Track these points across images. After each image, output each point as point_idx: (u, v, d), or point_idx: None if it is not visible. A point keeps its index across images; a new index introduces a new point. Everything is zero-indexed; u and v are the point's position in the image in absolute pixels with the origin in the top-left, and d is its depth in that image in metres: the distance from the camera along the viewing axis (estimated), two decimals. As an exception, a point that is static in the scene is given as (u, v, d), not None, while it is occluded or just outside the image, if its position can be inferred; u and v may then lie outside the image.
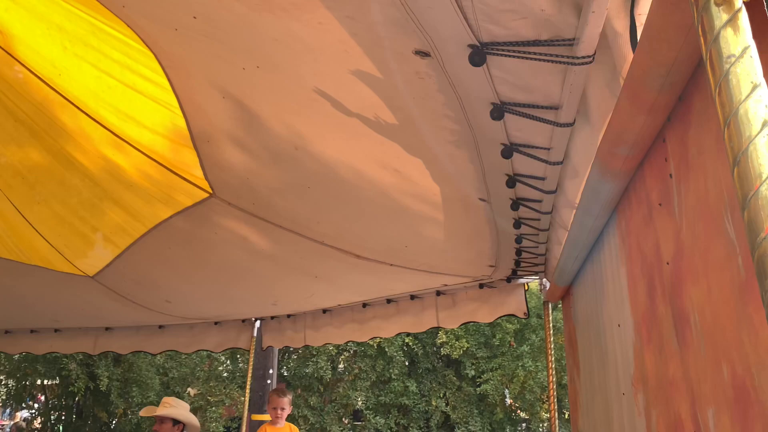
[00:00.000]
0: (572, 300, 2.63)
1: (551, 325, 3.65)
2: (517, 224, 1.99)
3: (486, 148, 1.33)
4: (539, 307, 13.08)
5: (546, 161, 1.26)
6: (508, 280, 3.37)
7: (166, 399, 4.01)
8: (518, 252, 2.49)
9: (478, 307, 3.69)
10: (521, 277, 3.34)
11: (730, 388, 0.65)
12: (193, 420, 3.99)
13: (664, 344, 0.96)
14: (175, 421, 3.85)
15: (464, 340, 11.62)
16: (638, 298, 1.14)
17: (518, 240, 2.24)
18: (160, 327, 5.60)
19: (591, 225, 1.36)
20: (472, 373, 11.76)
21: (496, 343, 12.08)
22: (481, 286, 3.57)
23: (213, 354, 9.95)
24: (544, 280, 3.29)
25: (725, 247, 0.62)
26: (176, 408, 3.87)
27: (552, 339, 3.59)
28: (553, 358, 3.54)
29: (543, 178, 1.49)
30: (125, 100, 2.63)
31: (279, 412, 4.23)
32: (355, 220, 2.72)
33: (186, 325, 5.56)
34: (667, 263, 0.86)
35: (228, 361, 10.23)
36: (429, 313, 3.99)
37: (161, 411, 3.81)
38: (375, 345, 10.94)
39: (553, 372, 3.52)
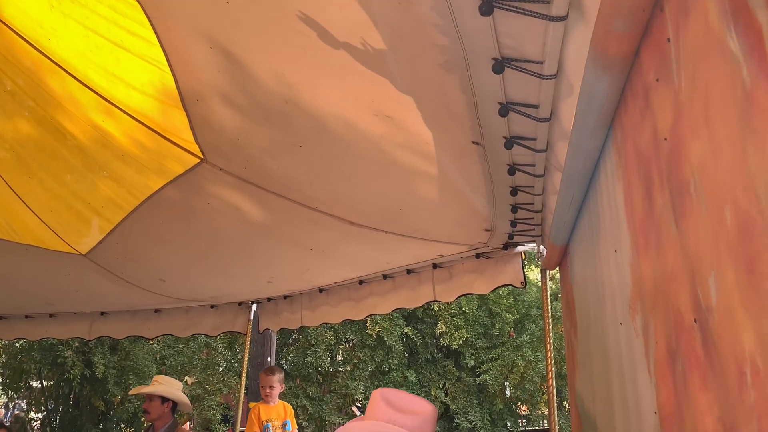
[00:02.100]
0: (569, 260, 2.59)
1: (549, 306, 3.62)
2: (512, 170, 1.95)
3: (477, 65, 1.29)
4: (539, 300, 13.04)
5: (539, 75, 1.22)
6: (505, 247, 3.33)
7: (156, 377, 3.98)
8: (514, 209, 2.44)
9: (475, 279, 3.65)
10: (518, 244, 3.30)
11: (733, 232, 0.61)
12: (182, 398, 3.96)
13: (663, 239, 0.92)
14: (164, 399, 3.80)
15: (464, 330, 11.59)
16: (635, 207, 1.09)
17: (513, 192, 2.20)
18: (156, 311, 5.57)
19: (587, 147, 1.32)
20: (472, 363, 11.73)
21: (496, 333, 12.05)
22: (477, 256, 3.53)
23: (211, 343, 9.91)
24: (542, 247, 3.25)
25: (729, 72, 0.58)
26: (164, 386, 3.84)
27: (550, 324, 3.55)
28: (551, 335, 3.51)
29: (537, 106, 1.45)
30: (113, 59, 2.58)
31: (268, 390, 4.21)
32: (348, 180, 2.68)
33: (182, 308, 5.53)
34: (665, 139, 0.82)
35: (226, 351, 10.21)
36: (425, 287, 3.95)
37: (149, 389, 3.77)
38: (374, 335, 10.91)
39: (551, 342, 3.49)
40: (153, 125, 2.83)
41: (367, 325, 10.89)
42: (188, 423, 9.49)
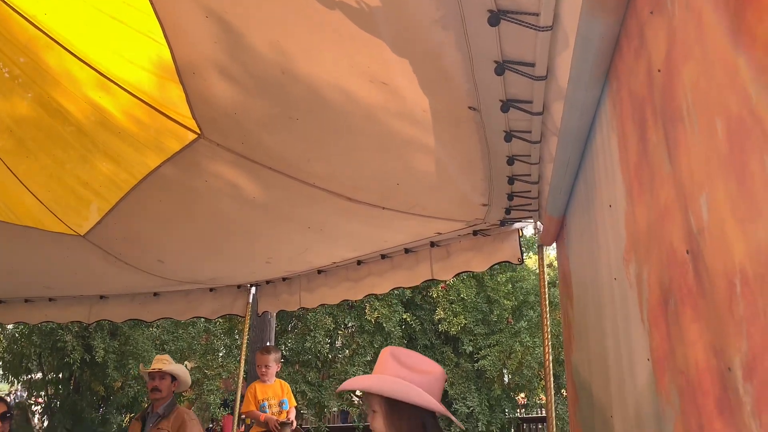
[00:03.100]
0: (566, 233, 2.60)
1: (546, 284, 3.64)
2: (508, 137, 1.95)
3: (472, 19, 1.29)
4: (537, 287, 13.08)
5: (535, 27, 1.22)
6: (502, 223, 3.34)
7: (160, 357, 4.02)
8: (510, 180, 2.45)
9: (472, 257, 3.66)
10: (515, 220, 3.31)
11: (724, 143, 0.61)
12: (188, 378, 4.05)
13: (656, 178, 0.93)
14: (173, 378, 3.91)
15: (462, 316, 11.63)
16: (629, 154, 1.10)
17: (510, 162, 2.20)
18: (155, 294, 5.58)
19: (582, 101, 1.32)
20: (470, 349, 11.78)
21: (494, 320, 12.10)
22: (475, 233, 3.54)
23: (210, 328, 9.96)
24: (539, 223, 3.26)
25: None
26: (174, 365, 3.94)
27: (547, 300, 3.57)
28: (548, 316, 3.52)
29: (533, 64, 1.45)
30: (110, 34, 2.58)
31: (263, 369, 4.25)
32: (345, 154, 2.69)
33: (181, 291, 5.54)
34: (659, 71, 0.82)
35: (225, 337, 10.27)
36: (423, 266, 3.96)
37: (167, 367, 3.85)
38: (373, 321, 10.95)
39: (548, 314, 3.50)
40: (150, 100, 2.83)
41: (366, 311, 10.94)
42: (191, 408, 9.55)
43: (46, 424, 8.80)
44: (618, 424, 1.57)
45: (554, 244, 3.13)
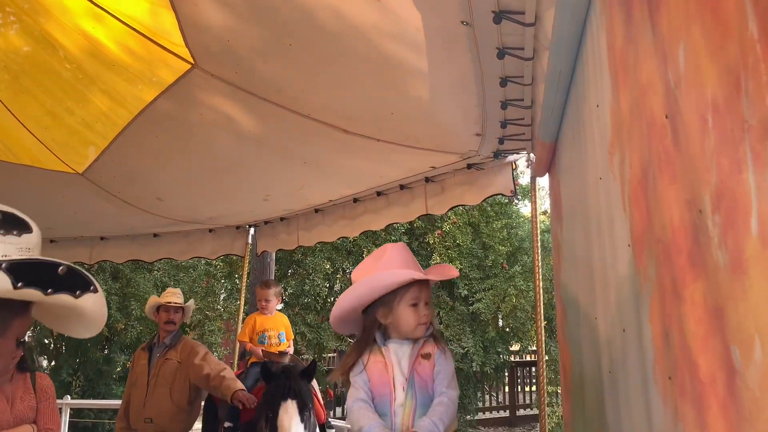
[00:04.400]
0: (557, 159, 2.65)
1: (538, 219, 3.71)
2: (501, 54, 1.97)
3: None
4: (531, 234, 13.23)
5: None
6: (496, 156, 3.37)
7: (173, 290, 4.13)
8: (504, 105, 2.48)
9: (466, 191, 3.72)
10: (509, 152, 3.35)
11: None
12: (191, 310, 4.17)
13: (640, 54, 0.96)
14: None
15: (458, 261, 11.81)
16: (616, 40, 1.13)
17: (503, 83, 2.23)
18: (155, 235, 5.65)
19: (574, 1, 1.34)
20: (465, 293, 12.02)
21: (489, 265, 12.29)
22: (469, 167, 3.58)
23: (211, 271, 10.13)
24: (532, 155, 3.30)
25: None
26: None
27: (539, 237, 3.65)
28: (539, 245, 3.60)
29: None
30: (99, -42, 2.54)
31: (263, 303, 4.36)
32: (338, 82, 2.70)
33: (181, 232, 5.61)
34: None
35: (226, 281, 10.45)
36: (418, 201, 4.02)
37: (184, 303, 4.00)
38: (370, 266, 11.13)
39: (539, 257, 3.59)
40: (143, 29, 2.81)
41: (364, 256, 11.10)
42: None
43: (53, 363, 9.05)
44: (601, 323, 1.66)
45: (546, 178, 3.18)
